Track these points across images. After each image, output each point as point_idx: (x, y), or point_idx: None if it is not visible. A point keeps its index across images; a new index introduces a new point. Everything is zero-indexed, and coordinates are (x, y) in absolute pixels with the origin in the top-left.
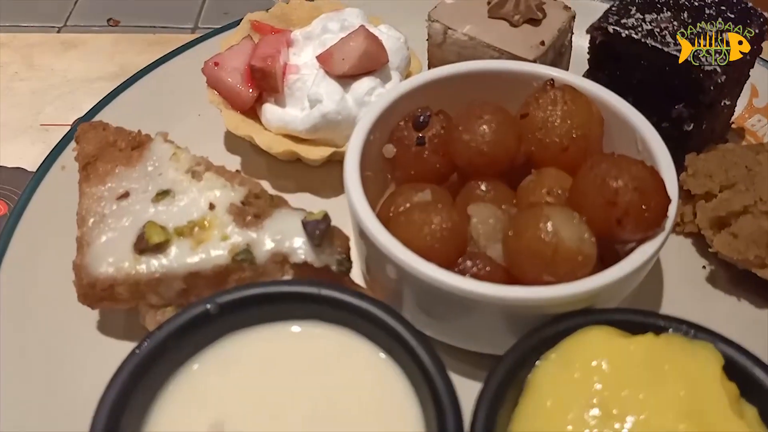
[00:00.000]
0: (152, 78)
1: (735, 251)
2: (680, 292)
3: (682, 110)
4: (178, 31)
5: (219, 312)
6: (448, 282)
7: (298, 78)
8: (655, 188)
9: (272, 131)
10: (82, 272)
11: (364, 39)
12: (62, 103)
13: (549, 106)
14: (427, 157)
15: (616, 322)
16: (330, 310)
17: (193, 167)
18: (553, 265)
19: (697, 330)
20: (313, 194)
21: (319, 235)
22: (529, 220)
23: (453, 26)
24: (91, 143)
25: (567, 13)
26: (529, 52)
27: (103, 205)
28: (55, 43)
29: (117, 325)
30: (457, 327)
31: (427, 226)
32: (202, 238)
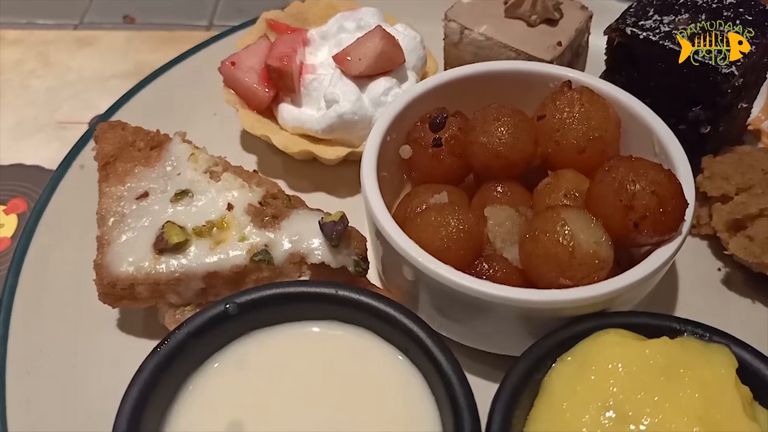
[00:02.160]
0: (169, 77)
1: (750, 254)
2: (695, 294)
3: (699, 113)
4: (193, 28)
5: (238, 312)
6: (465, 284)
7: (314, 78)
8: (672, 192)
9: (288, 131)
10: (103, 271)
11: (381, 39)
12: (78, 101)
13: (566, 108)
14: (443, 159)
15: (632, 326)
16: (347, 311)
17: (211, 167)
18: (569, 268)
19: (712, 333)
20: (329, 194)
21: (336, 236)
22: (546, 223)
23: (469, 26)
24: (110, 143)
25: (584, 13)
26: (546, 53)
27: (122, 205)
28: (71, 40)
29: (136, 324)
30: (473, 328)
31: (444, 228)
32: (221, 239)
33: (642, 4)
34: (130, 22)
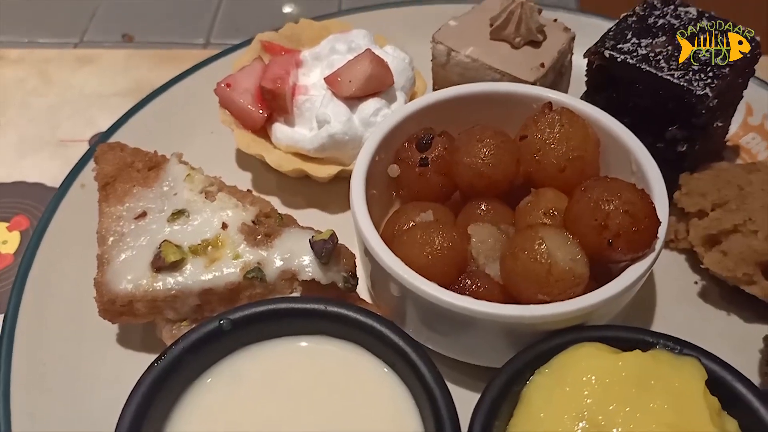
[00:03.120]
0: (167, 97)
1: (725, 269)
2: (673, 306)
3: (675, 132)
4: (191, 47)
5: (232, 328)
6: (448, 300)
7: (306, 99)
8: (645, 211)
9: (282, 150)
10: (103, 289)
11: (370, 62)
12: (79, 119)
13: (547, 129)
14: (429, 178)
15: (607, 339)
16: (336, 326)
17: (207, 187)
18: (547, 285)
19: (683, 346)
20: (321, 210)
21: (325, 254)
22: (525, 241)
23: (456, 48)
24: (110, 164)
25: (567, 34)
26: (530, 74)
27: (121, 225)
28: (71, 58)
29: (135, 338)
30: (457, 341)
31: (429, 245)
32: (216, 257)
33: (621, 27)
34: (129, 40)
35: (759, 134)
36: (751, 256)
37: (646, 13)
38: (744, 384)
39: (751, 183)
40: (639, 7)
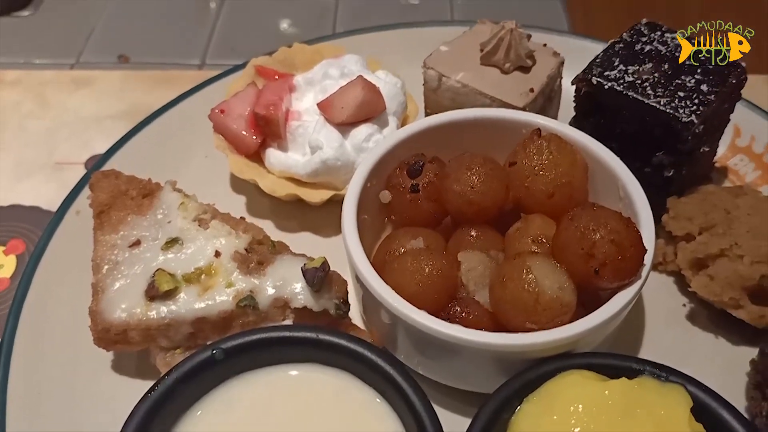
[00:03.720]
0: (162, 121)
1: (711, 293)
2: (662, 329)
3: (662, 158)
4: (186, 68)
5: (224, 357)
6: (437, 328)
7: (299, 124)
8: (631, 240)
9: (275, 174)
10: (98, 318)
11: (362, 89)
12: (75, 141)
13: (535, 156)
14: (420, 204)
15: (594, 366)
16: (327, 354)
17: (200, 215)
18: (534, 313)
19: (669, 373)
20: (315, 233)
21: (317, 282)
22: (513, 270)
23: (447, 73)
24: (105, 192)
25: (556, 59)
26: (519, 99)
27: (116, 253)
28: (67, 80)
29: (129, 365)
30: (447, 368)
31: (419, 273)
32: (209, 285)
33: (608, 54)
34: (125, 61)
35: (747, 156)
36: (737, 280)
37: (633, 40)
38: (729, 411)
39: (738, 207)
40: (626, 34)
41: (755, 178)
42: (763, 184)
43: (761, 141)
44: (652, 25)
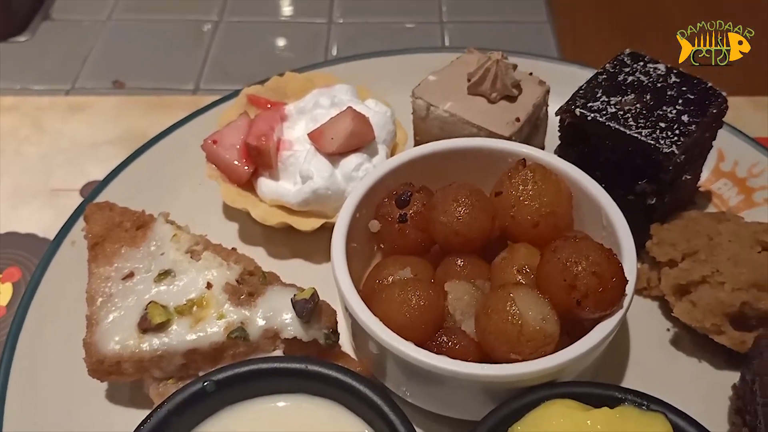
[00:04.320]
0: (157, 149)
1: (693, 319)
2: (646, 353)
3: (645, 186)
4: (180, 92)
5: (215, 389)
6: (423, 359)
7: (291, 154)
8: (612, 272)
9: (267, 203)
10: (92, 350)
11: (351, 120)
12: (71, 168)
13: (520, 186)
14: (408, 233)
15: (577, 395)
16: (316, 385)
17: (192, 247)
18: (518, 344)
19: (650, 401)
20: (306, 260)
21: (306, 313)
22: (497, 302)
23: (435, 103)
24: (99, 224)
25: (542, 88)
26: (505, 129)
27: (110, 286)
28: (63, 106)
29: (123, 395)
30: (434, 396)
31: (406, 304)
32: (200, 317)
33: (591, 85)
34: (120, 86)
35: (730, 180)
36: (719, 307)
37: (616, 71)
38: None
39: (720, 233)
40: (609, 64)
41: (738, 203)
42: (746, 209)
43: (744, 165)
44: (634, 55)
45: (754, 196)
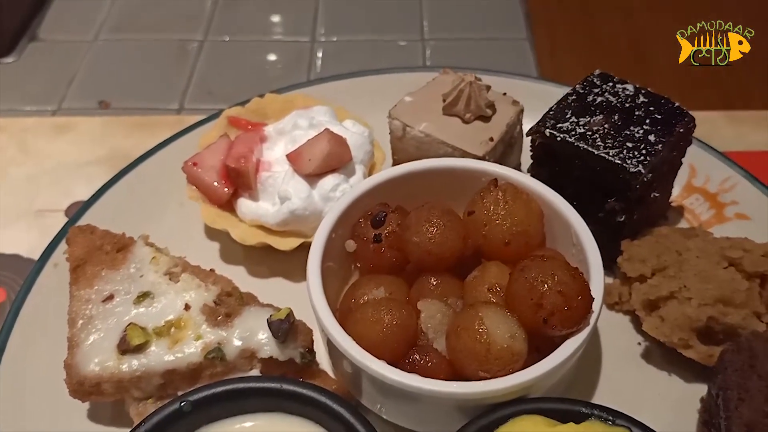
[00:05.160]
0: (139, 171)
1: (662, 334)
2: (617, 367)
3: (614, 204)
4: (165, 112)
5: (192, 409)
6: (394, 378)
7: (269, 175)
8: (577, 291)
9: (247, 223)
10: (72, 371)
11: (328, 142)
12: (55, 188)
13: (492, 205)
14: (383, 253)
15: (545, 411)
16: (292, 404)
17: (171, 269)
18: (486, 362)
19: (616, 416)
20: (286, 279)
21: (282, 333)
22: (466, 321)
23: (411, 124)
24: (80, 247)
25: (515, 107)
26: (479, 148)
27: (90, 308)
28: (49, 127)
29: (105, 415)
30: (408, 413)
31: (379, 323)
32: (178, 338)
33: (561, 106)
34: (105, 107)
35: (702, 195)
36: (686, 322)
37: (586, 91)
38: None
39: (689, 249)
40: (579, 85)
41: (710, 217)
42: (717, 224)
43: (715, 181)
44: (604, 75)
45: (725, 211)
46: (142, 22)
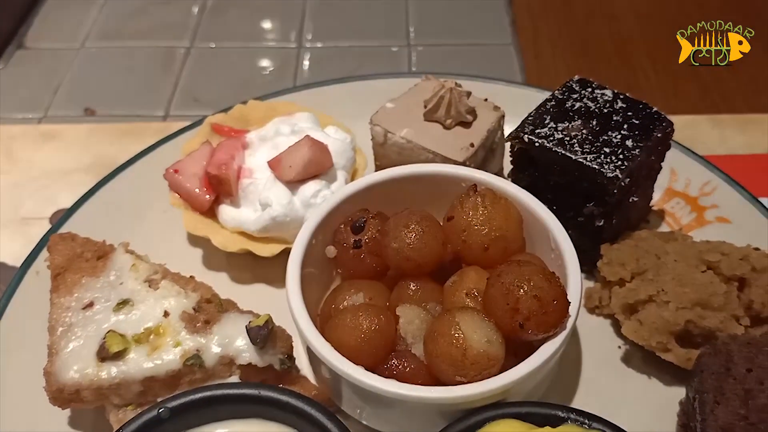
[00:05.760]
0: (123, 178)
1: (640, 337)
2: (598, 370)
3: (592, 208)
4: (150, 119)
5: (170, 416)
6: (371, 383)
7: (251, 182)
8: (553, 295)
9: (228, 230)
10: (51, 379)
11: (309, 149)
12: (41, 196)
13: (471, 211)
14: (363, 258)
15: (522, 415)
16: (270, 410)
17: (151, 276)
18: (463, 367)
19: (592, 419)
20: (268, 284)
21: (261, 339)
22: (442, 326)
23: (392, 130)
24: (61, 254)
25: (496, 113)
26: (459, 154)
27: (70, 315)
28: (35, 134)
29: (86, 421)
30: (386, 417)
31: (357, 329)
32: (157, 345)
33: (540, 112)
34: (91, 114)
35: (683, 199)
36: (664, 325)
37: (564, 97)
38: None
39: (668, 253)
40: (558, 91)
41: (691, 221)
42: (698, 227)
43: (696, 184)
44: (583, 81)
45: (705, 214)
46: (129, 30)
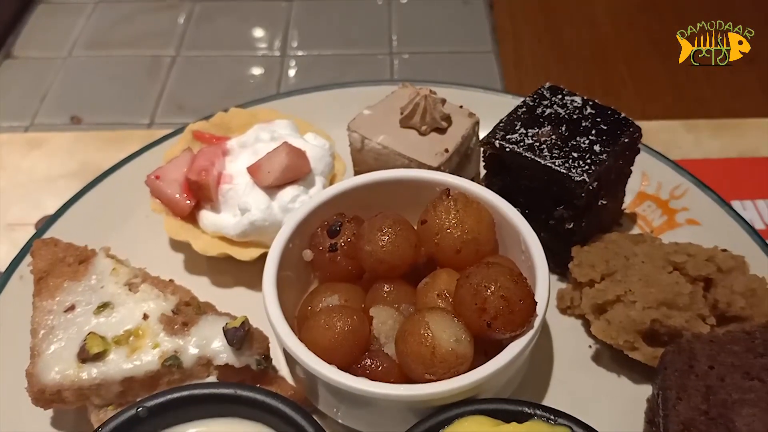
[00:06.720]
0: (106, 184)
1: (608, 336)
2: (569, 369)
3: (562, 212)
4: (136, 127)
5: (148, 415)
6: (344, 382)
7: (230, 188)
8: (520, 295)
9: (209, 235)
10: (33, 380)
11: (287, 155)
12: (27, 203)
13: (443, 214)
14: (339, 261)
15: (489, 411)
16: (246, 409)
17: (131, 280)
18: (432, 365)
19: (558, 415)
20: (248, 288)
21: (237, 340)
22: (412, 326)
23: (369, 136)
24: (44, 259)
25: (471, 119)
26: (434, 160)
27: (51, 318)
28: (22, 142)
29: (68, 421)
30: (360, 415)
31: (331, 330)
32: (137, 346)
33: (511, 118)
34: (77, 122)
35: (654, 202)
36: (631, 324)
37: (535, 104)
38: None
39: (636, 255)
40: (529, 98)
41: (662, 224)
42: (669, 229)
43: (667, 188)
44: (553, 88)
45: (676, 217)
46: (116, 39)
